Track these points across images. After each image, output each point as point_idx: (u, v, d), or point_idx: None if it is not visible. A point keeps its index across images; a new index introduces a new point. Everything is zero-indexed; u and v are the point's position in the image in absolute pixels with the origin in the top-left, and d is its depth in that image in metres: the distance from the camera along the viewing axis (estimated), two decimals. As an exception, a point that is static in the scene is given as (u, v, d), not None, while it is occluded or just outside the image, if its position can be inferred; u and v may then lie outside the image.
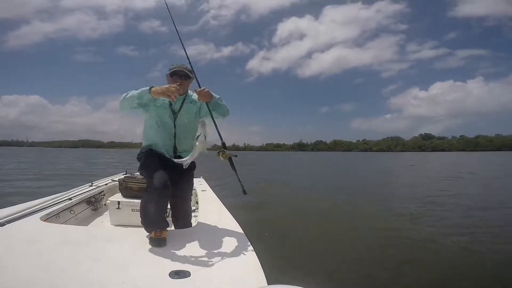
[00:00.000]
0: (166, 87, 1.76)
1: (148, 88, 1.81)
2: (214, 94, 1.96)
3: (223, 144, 1.95)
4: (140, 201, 2.06)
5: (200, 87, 1.94)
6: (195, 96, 2.07)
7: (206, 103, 1.95)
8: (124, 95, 1.95)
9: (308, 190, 8.95)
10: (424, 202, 6.47)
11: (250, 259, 1.54)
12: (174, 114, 2.03)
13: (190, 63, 2.07)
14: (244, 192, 1.92)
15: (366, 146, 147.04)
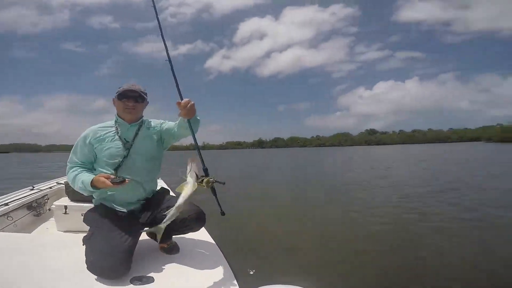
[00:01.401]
0: (109, 185, 1.38)
1: (89, 182, 1.43)
2: None
3: (206, 170, 1.53)
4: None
5: (182, 98, 1.47)
6: (154, 122, 1.73)
7: (188, 120, 1.47)
8: (71, 176, 1.55)
9: (270, 187, 9.08)
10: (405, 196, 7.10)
11: (218, 262, 1.50)
12: (127, 143, 1.58)
13: (171, 62, 1.69)
14: (223, 213, 1.54)
15: (319, 142, 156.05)
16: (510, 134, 69.23)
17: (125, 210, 1.58)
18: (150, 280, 1.25)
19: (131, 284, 1.21)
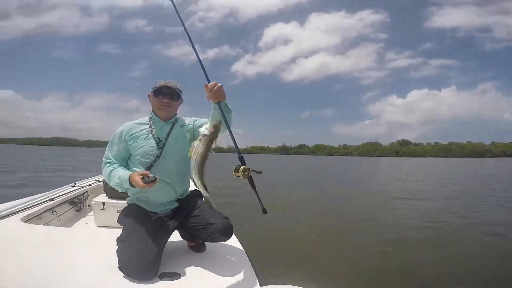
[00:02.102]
0: (141, 186, 1.36)
1: (127, 178, 1.43)
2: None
3: (241, 158, 1.43)
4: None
5: (209, 82, 1.38)
6: (188, 120, 1.70)
7: (218, 104, 1.39)
8: (106, 171, 1.55)
9: (298, 192, 9.01)
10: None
11: (241, 260, 1.53)
12: (160, 142, 1.57)
13: (199, 59, 1.52)
14: (264, 211, 1.46)
15: (346, 151, 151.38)
16: None
17: (156, 212, 1.58)
18: (177, 276, 1.31)
19: (160, 280, 1.27)
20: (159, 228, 1.50)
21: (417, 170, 23.08)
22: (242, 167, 1.39)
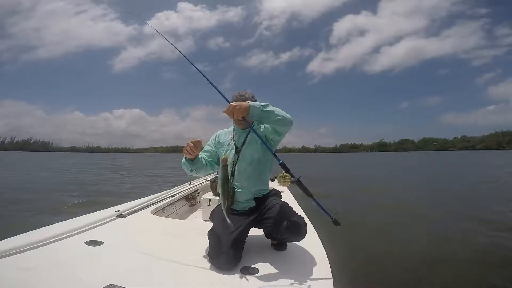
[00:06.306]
0: (184, 147, 1.55)
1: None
2: (252, 103, 1.49)
3: (283, 164, 1.53)
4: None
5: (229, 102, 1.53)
6: (263, 126, 1.79)
7: (243, 119, 1.52)
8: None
9: (395, 194, 7.99)
10: None
11: (320, 263, 1.50)
12: (237, 150, 1.74)
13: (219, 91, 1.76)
14: (336, 222, 1.52)
15: (467, 144, 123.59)
16: None
17: (237, 210, 1.73)
18: (256, 271, 1.39)
19: (240, 272, 1.38)
20: (238, 222, 1.62)
21: None
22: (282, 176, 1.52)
